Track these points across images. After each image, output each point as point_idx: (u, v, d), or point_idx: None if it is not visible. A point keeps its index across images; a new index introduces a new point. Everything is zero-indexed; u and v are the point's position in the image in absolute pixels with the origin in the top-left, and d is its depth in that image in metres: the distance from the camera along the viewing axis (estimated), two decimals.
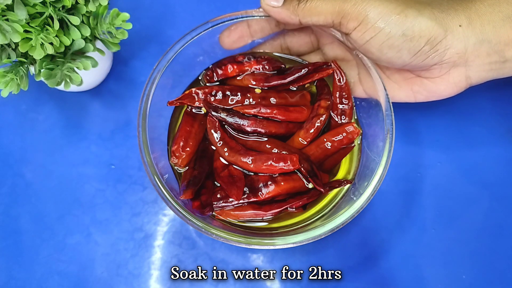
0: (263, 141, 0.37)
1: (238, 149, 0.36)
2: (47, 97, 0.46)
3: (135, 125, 0.45)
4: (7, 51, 0.35)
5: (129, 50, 0.47)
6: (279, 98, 0.38)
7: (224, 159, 0.37)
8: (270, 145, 0.37)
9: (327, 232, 0.32)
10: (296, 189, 0.36)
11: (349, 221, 0.32)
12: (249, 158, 0.35)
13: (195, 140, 0.37)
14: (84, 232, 0.41)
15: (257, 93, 0.38)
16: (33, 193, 0.42)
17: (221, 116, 0.37)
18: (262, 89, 0.39)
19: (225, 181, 0.35)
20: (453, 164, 0.43)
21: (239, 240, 0.32)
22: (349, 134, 0.37)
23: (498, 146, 0.44)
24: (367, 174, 0.34)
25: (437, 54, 0.33)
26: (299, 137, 0.38)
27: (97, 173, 0.43)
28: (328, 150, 0.37)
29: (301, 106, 0.38)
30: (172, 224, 0.41)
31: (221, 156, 0.37)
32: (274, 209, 0.35)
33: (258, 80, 0.39)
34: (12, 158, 0.44)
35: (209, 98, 0.38)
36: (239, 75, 0.39)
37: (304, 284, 0.39)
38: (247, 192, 0.35)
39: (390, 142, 0.34)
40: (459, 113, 0.46)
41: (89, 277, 0.40)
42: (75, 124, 0.45)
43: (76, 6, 0.36)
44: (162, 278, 0.40)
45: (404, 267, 0.40)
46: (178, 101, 0.37)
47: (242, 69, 0.39)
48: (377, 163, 0.33)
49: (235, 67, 0.39)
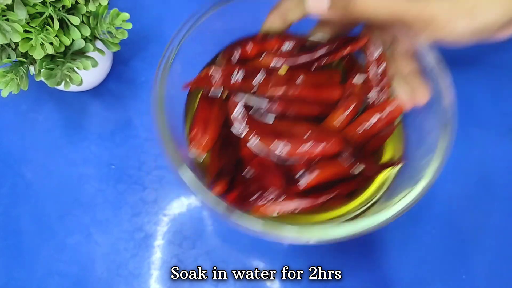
0: (295, 125, 0.32)
1: (267, 133, 0.32)
2: (47, 97, 0.46)
3: (135, 125, 0.45)
4: (7, 51, 0.35)
5: (129, 50, 0.47)
6: (307, 78, 0.34)
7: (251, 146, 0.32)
8: (303, 129, 0.32)
9: (390, 219, 0.28)
10: (339, 176, 0.32)
11: (412, 205, 0.29)
12: (282, 142, 0.31)
13: (215, 125, 0.33)
14: (84, 232, 0.41)
15: (282, 73, 0.34)
16: (33, 193, 0.42)
17: (243, 100, 0.33)
18: (287, 68, 0.35)
19: (259, 170, 0.31)
20: (452, 164, 0.43)
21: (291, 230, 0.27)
22: (391, 112, 0.33)
23: (498, 146, 0.44)
24: (423, 152, 0.31)
25: None
26: (334, 119, 0.33)
27: (97, 173, 0.43)
28: (368, 131, 0.33)
29: (332, 85, 0.35)
30: (172, 224, 0.41)
31: (248, 144, 0.32)
32: (322, 199, 0.31)
33: (283, 58, 0.34)
34: (12, 158, 0.44)
35: (228, 80, 0.33)
36: (260, 55, 0.35)
37: (304, 284, 0.39)
38: (286, 184, 0.31)
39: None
40: (458, 113, 0.46)
41: (89, 277, 0.40)
42: (75, 124, 0.45)
43: (76, 6, 0.36)
44: (162, 278, 0.40)
45: (404, 267, 0.40)
46: (194, 84, 0.34)
47: (264, 48, 0.35)
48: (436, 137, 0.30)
49: (255, 45, 0.35)
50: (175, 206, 0.42)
